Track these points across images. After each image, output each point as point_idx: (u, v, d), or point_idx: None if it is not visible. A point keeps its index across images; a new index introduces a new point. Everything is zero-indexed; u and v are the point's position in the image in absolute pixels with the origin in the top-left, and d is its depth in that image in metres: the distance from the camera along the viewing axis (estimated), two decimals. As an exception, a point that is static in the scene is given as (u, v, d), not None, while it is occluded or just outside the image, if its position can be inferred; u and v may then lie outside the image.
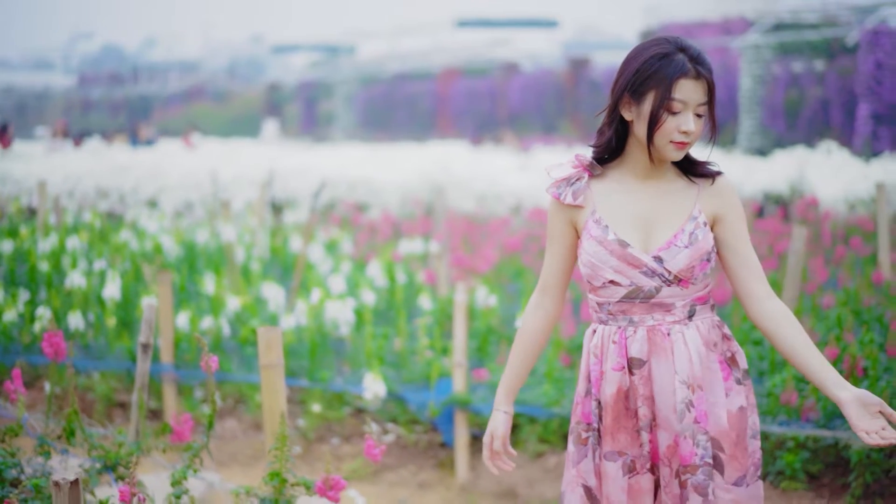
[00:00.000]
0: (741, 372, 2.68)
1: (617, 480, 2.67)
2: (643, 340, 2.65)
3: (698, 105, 2.59)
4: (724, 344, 2.69)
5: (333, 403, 5.71)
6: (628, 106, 2.62)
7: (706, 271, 2.64)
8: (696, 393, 2.61)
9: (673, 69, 2.56)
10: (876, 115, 18.44)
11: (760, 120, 21.83)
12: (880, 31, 18.59)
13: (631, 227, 2.65)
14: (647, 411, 2.66)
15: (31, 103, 49.50)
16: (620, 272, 2.64)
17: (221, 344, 6.07)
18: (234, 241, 7.95)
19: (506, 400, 2.85)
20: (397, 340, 5.92)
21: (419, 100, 34.81)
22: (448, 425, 5.21)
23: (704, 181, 2.68)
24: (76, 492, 2.29)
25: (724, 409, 2.63)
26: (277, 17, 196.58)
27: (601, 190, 2.69)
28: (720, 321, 2.71)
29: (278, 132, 31.15)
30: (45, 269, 6.94)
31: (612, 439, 2.68)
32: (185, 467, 3.42)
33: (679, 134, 2.58)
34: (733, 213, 2.66)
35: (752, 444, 2.67)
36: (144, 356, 3.89)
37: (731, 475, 2.64)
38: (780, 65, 22.18)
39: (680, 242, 2.61)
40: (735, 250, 2.65)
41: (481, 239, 9.57)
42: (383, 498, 4.97)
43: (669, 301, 2.64)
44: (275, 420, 3.36)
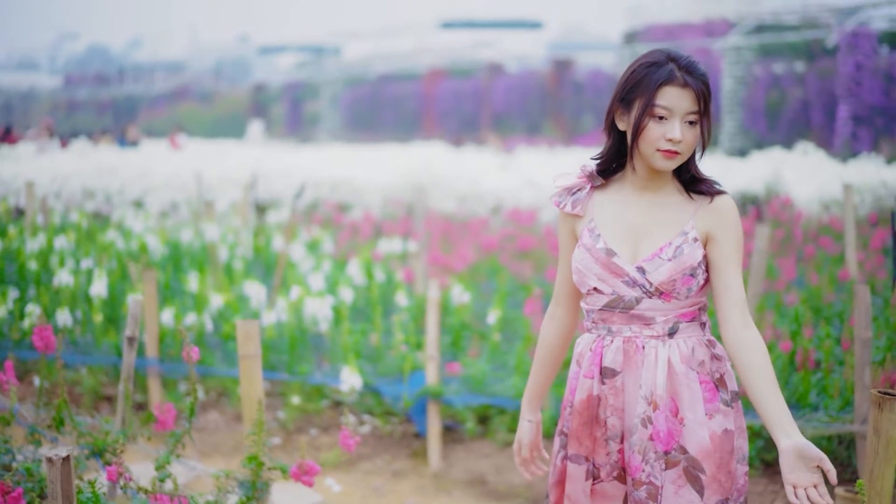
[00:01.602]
0: (730, 394, 2.62)
1: (579, 483, 2.68)
2: (618, 351, 2.63)
3: (687, 113, 2.54)
4: (712, 364, 2.62)
5: (312, 396, 5.94)
6: (620, 116, 2.62)
7: (690, 287, 2.58)
8: (657, 411, 2.57)
9: (658, 76, 2.54)
10: (855, 117, 18.66)
11: (742, 121, 22.05)
12: (860, 34, 18.81)
13: (622, 236, 2.64)
14: (616, 422, 2.64)
15: (16, 104, 49.49)
16: (604, 280, 2.63)
17: (204, 339, 6.30)
18: (218, 240, 8.16)
19: (530, 409, 2.88)
20: (373, 336, 6.15)
21: (404, 100, 35.00)
22: (421, 416, 5.45)
23: (704, 198, 2.61)
24: (68, 467, 2.50)
25: (705, 430, 2.57)
26: (264, 18, 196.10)
27: (601, 200, 2.70)
28: (712, 340, 2.65)
29: (263, 133, 31.28)
30: (33, 268, 7.13)
31: (578, 443, 2.68)
32: (168, 452, 3.62)
33: (665, 142, 2.53)
34: (727, 234, 2.58)
35: (738, 468, 2.62)
36: (130, 349, 4.09)
37: (711, 498, 2.58)
38: (761, 66, 22.40)
39: (665, 255, 2.57)
40: (720, 272, 2.58)
41: (460, 238, 9.79)
42: (359, 485, 5.19)
43: (650, 314, 2.60)
44: (252, 407, 3.58)
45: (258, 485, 3.57)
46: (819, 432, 4.80)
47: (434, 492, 5.10)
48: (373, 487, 5.17)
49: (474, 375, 5.60)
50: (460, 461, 5.32)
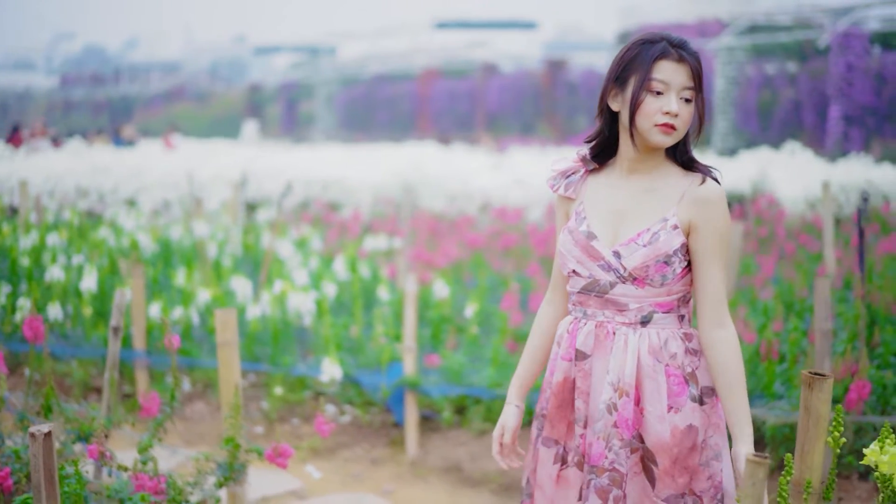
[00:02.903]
0: (700, 390, 2.60)
1: (547, 467, 2.70)
2: (589, 334, 2.63)
3: (683, 88, 2.54)
4: (685, 358, 2.60)
5: (295, 387, 6.11)
6: (614, 96, 2.61)
7: (665, 274, 2.56)
8: (623, 398, 2.57)
9: (654, 51, 2.54)
10: (847, 117, 18.83)
11: (734, 121, 22.20)
12: (851, 34, 18.97)
13: (604, 220, 2.63)
14: (582, 406, 2.65)
15: (12, 104, 49.59)
16: (582, 263, 2.63)
17: (191, 332, 6.48)
18: (207, 238, 8.34)
19: (517, 394, 2.82)
20: (354, 328, 6.32)
21: (399, 101, 35.15)
22: (399, 406, 5.62)
23: (692, 188, 2.57)
24: (49, 442, 2.66)
25: (666, 423, 2.56)
26: (260, 19, 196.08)
27: (592, 184, 2.70)
28: (690, 334, 2.62)
29: (258, 133, 31.41)
30: (25, 265, 7.31)
31: (552, 426, 2.70)
32: (151, 436, 3.79)
33: (662, 115, 2.52)
34: (709, 227, 2.55)
35: (713, 465, 2.61)
36: (115, 339, 4.25)
37: (662, 491, 2.59)
38: (753, 66, 22.56)
39: (641, 241, 2.56)
40: (699, 265, 2.57)
41: (446, 236, 9.97)
42: (338, 473, 5.37)
43: (623, 300, 2.59)
44: (230, 391, 3.75)
45: (235, 466, 3.73)
46: (782, 420, 4.98)
47: (411, 478, 5.28)
48: (352, 474, 5.34)
49: (452, 367, 5.77)
50: (437, 449, 5.49)
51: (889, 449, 2.64)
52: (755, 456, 2.06)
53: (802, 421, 2.78)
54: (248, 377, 6.44)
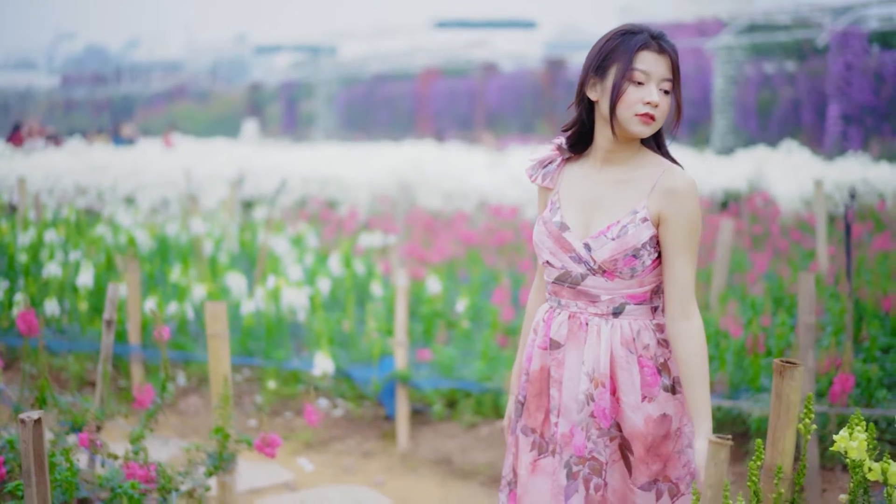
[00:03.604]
0: (672, 380, 2.64)
1: (525, 454, 2.73)
2: (563, 324, 2.66)
3: (662, 80, 2.57)
4: (657, 349, 2.64)
5: (289, 381, 6.19)
6: (593, 85, 2.62)
7: (634, 267, 2.59)
8: (599, 388, 2.60)
9: (635, 42, 2.56)
10: (845, 116, 18.87)
11: (733, 120, 22.24)
12: (850, 33, 19.01)
13: (577, 211, 2.66)
14: (555, 394, 2.68)
15: (13, 104, 49.67)
16: (554, 254, 2.66)
17: (186, 328, 6.55)
18: (203, 234, 8.41)
19: (518, 384, 2.86)
20: (346, 323, 6.39)
21: (399, 100, 35.21)
22: (390, 399, 5.69)
23: (662, 179, 2.59)
24: (39, 429, 2.73)
25: (639, 413, 2.60)
26: (261, 18, 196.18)
27: (568, 174, 2.73)
28: (662, 326, 2.66)
29: (258, 132, 31.48)
30: (23, 261, 7.38)
31: (529, 415, 2.74)
32: (142, 426, 3.86)
33: (643, 105, 2.54)
34: (676, 219, 2.57)
35: (687, 453, 2.66)
36: (108, 331, 4.32)
37: (638, 478, 2.64)
38: (752, 66, 22.59)
39: (610, 234, 2.58)
40: (667, 256, 2.60)
41: (442, 233, 10.04)
42: (331, 465, 5.44)
43: (595, 291, 2.62)
44: (219, 382, 3.82)
45: (225, 456, 3.81)
46: (766, 412, 5.04)
47: (402, 471, 5.35)
48: (343, 467, 5.41)
49: (443, 361, 5.84)
50: (427, 442, 5.56)
51: (857, 435, 2.71)
52: (717, 438, 2.12)
53: (774, 408, 2.84)
54: (242, 372, 6.51)
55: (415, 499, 5.01)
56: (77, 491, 3.48)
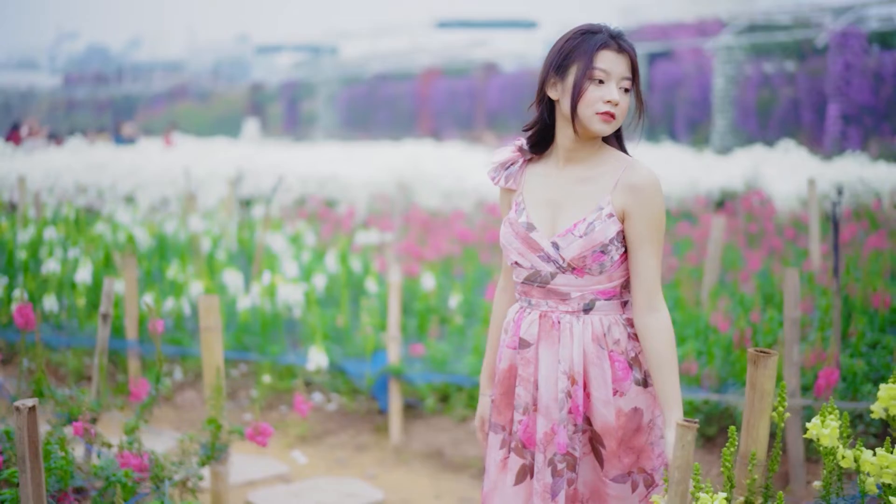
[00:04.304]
0: (644, 373, 2.67)
1: (494, 451, 2.77)
2: (533, 323, 2.68)
3: (622, 78, 2.59)
4: (628, 343, 2.66)
5: (284, 376, 6.27)
6: (554, 85, 2.64)
7: (603, 262, 2.61)
8: (574, 386, 2.64)
9: (595, 41, 2.58)
10: (845, 116, 18.91)
11: (733, 120, 22.28)
12: (849, 33, 19.05)
13: (542, 211, 2.68)
14: (523, 392, 2.70)
15: (15, 103, 49.77)
16: (522, 254, 2.68)
17: (183, 323, 6.64)
18: (201, 232, 8.49)
19: (489, 384, 2.91)
20: (340, 318, 6.48)
21: (400, 100, 35.27)
22: (383, 393, 5.78)
23: (625, 175, 2.62)
24: (34, 416, 2.80)
25: (611, 407, 2.63)
26: (263, 18, 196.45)
27: (530, 174, 2.74)
28: (633, 320, 2.68)
29: (259, 132, 31.55)
30: (22, 258, 7.46)
31: (498, 412, 2.78)
32: (137, 417, 3.94)
33: (604, 104, 2.57)
34: (640, 213, 2.60)
35: (660, 444, 2.69)
36: (104, 325, 4.40)
37: (610, 471, 2.68)
38: (752, 65, 22.64)
39: (577, 231, 2.60)
40: (633, 251, 2.62)
41: (438, 231, 10.12)
42: (324, 458, 5.53)
43: (565, 289, 2.64)
44: (212, 374, 3.90)
45: (217, 445, 3.88)
46: (753, 406, 5.11)
47: (394, 463, 5.44)
48: (337, 459, 5.50)
49: (435, 356, 5.92)
50: (420, 435, 5.64)
51: (829, 423, 2.79)
52: (684, 421, 2.19)
53: (748, 396, 2.92)
54: (238, 367, 6.60)
55: (407, 491, 5.09)
56: (72, 479, 3.54)
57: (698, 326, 6.08)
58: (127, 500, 3.51)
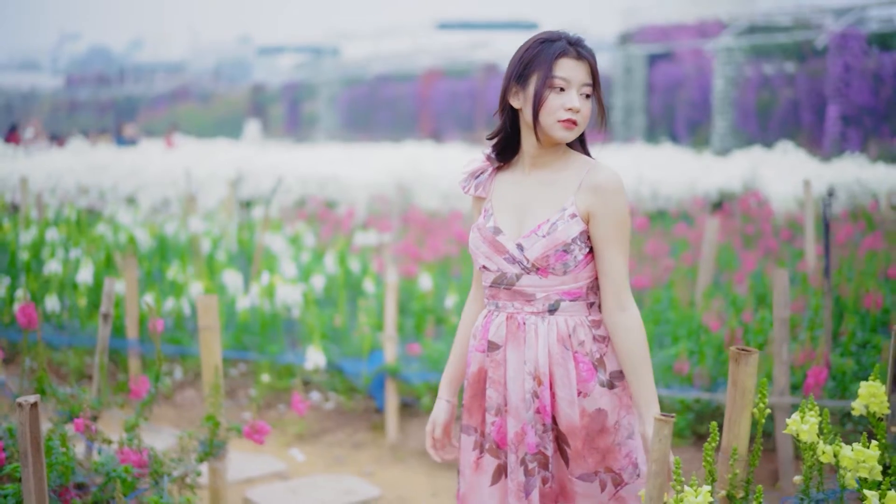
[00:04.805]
0: (609, 374, 2.70)
1: (468, 453, 2.81)
2: (501, 326, 2.71)
3: (582, 85, 2.63)
4: (593, 345, 2.69)
5: (282, 375, 6.35)
6: (516, 94, 2.68)
7: (566, 262, 2.64)
8: (541, 386, 2.67)
9: (554, 49, 2.62)
10: (844, 117, 18.96)
11: (733, 121, 22.33)
12: (849, 35, 19.10)
13: (509, 215, 2.72)
14: (493, 394, 2.73)
15: (17, 104, 49.86)
16: (489, 258, 2.72)
17: (183, 323, 6.73)
18: (201, 233, 8.58)
19: (448, 389, 2.93)
20: (338, 318, 6.56)
21: (401, 101, 35.35)
22: (380, 392, 5.86)
23: (589, 177, 2.66)
24: (36, 412, 2.89)
25: (575, 408, 2.66)
26: (264, 20, 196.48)
27: (499, 182, 2.78)
28: (598, 321, 2.71)
29: (260, 133, 31.63)
30: (24, 258, 7.55)
31: (469, 415, 2.80)
32: (137, 415, 4.02)
33: (565, 112, 2.61)
34: (604, 213, 2.64)
35: (627, 444, 2.72)
36: (105, 324, 4.48)
37: (576, 469, 2.71)
38: (752, 67, 22.69)
39: (541, 232, 2.64)
40: (599, 251, 2.66)
41: (436, 232, 10.20)
42: (322, 456, 5.61)
43: (530, 290, 2.68)
44: (210, 372, 3.98)
45: (215, 442, 3.96)
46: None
47: (390, 461, 5.52)
48: (334, 457, 5.58)
49: (431, 355, 6.00)
50: (416, 433, 5.72)
51: (808, 420, 2.87)
52: (661, 416, 2.27)
53: (730, 393, 3.00)
54: (238, 366, 6.68)
55: (403, 488, 5.17)
56: (73, 475, 3.62)
57: (691, 326, 6.16)
58: (126, 495, 3.59)
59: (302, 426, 5.88)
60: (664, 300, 7.05)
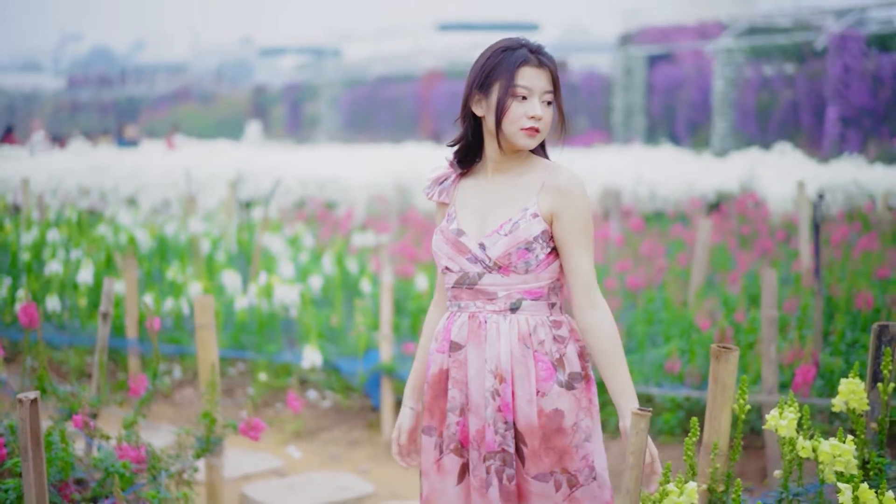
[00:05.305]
0: (568, 375, 2.71)
1: (430, 454, 2.80)
2: (463, 325, 2.74)
3: (544, 93, 2.68)
4: (553, 345, 2.71)
5: (280, 374, 6.44)
6: (478, 102, 2.72)
7: (528, 260, 2.68)
8: (503, 384, 2.68)
9: (515, 58, 2.66)
10: (843, 118, 19.00)
11: (732, 122, 22.38)
12: (848, 36, 19.14)
13: (472, 218, 2.76)
14: (457, 394, 2.74)
15: (19, 105, 49.94)
16: (452, 259, 2.75)
17: (182, 323, 6.81)
18: (201, 234, 8.67)
19: (412, 396, 2.94)
20: (334, 318, 6.65)
21: (402, 102, 35.40)
22: (376, 391, 5.94)
23: (550, 179, 2.71)
24: (36, 408, 2.96)
25: (533, 406, 2.68)
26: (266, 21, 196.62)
27: (462, 187, 2.83)
28: (558, 322, 2.74)
29: (261, 134, 31.70)
30: (26, 259, 7.64)
31: (430, 415, 2.80)
32: (136, 412, 4.10)
33: (528, 120, 2.65)
34: (569, 213, 2.68)
35: (584, 447, 2.72)
36: (104, 324, 4.56)
37: (532, 469, 2.71)
38: (751, 68, 22.74)
39: (503, 231, 2.68)
40: (565, 252, 2.70)
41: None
42: (318, 453, 5.70)
43: (492, 289, 2.71)
44: (207, 370, 4.06)
45: (212, 439, 4.05)
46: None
47: (386, 459, 5.60)
48: (330, 455, 5.67)
49: (427, 354, 6.08)
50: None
51: (787, 415, 2.95)
52: (638, 410, 2.35)
53: (711, 390, 3.08)
54: (236, 365, 6.77)
55: (397, 485, 5.25)
56: (72, 470, 3.70)
57: (683, 326, 6.24)
58: (125, 490, 3.67)
59: (299, 424, 5.97)
60: (658, 300, 7.13)
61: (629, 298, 7.32)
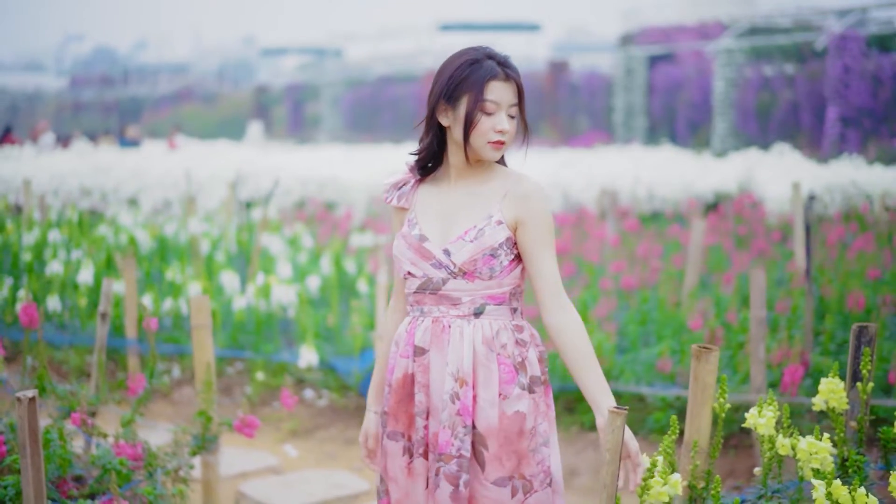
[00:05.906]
0: (529, 379, 2.74)
1: (397, 459, 2.80)
2: (426, 330, 2.75)
3: (510, 106, 2.71)
4: (514, 349, 2.74)
5: (277, 373, 6.52)
6: (445, 112, 2.74)
7: (493, 267, 2.71)
8: (464, 387, 2.70)
9: (484, 72, 2.68)
10: (843, 119, 19.04)
11: (733, 122, 22.43)
12: (848, 37, 19.17)
13: (435, 223, 2.77)
14: (423, 398, 2.76)
15: (22, 105, 50.02)
16: (415, 264, 2.76)
17: (181, 323, 6.89)
18: (200, 234, 8.75)
19: (376, 401, 2.95)
20: (330, 318, 6.73)
21: (403, 102, 35.44)
22: (371, 390, 6.02)
23: (514, 187, 2.74)
24: (34, 406, 3.04)
25: (495, 409, 2.69)
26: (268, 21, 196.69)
27: (423, 193, 2.84)
28: (520, 326, 2.78)
29: (262, 134, 31.76)
30: (27, 259, 7.72)
31: (395, 420, 2.81)
32: (133, 410, 4.18)
33: (495, 133, 2.69)
34: (533, 220, 2.71)
35: (541, 451, 2.75)
36: (103, 323, 4.64)
37: (492, 474, 2.72)
38: (752, 68, 22.78)
39: (468, 237, 2.70)
40: (530, 257, 2.73)
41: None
42: (314, 452, 5.78)
43: (456, 294, 2.73)
44: (203, 369, 4.14)
45: (208, 437, 4.13)
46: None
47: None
48: (326, 453, 5.75)
49: (422, 354, 6.16)
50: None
51: (766, 413, 3.02)
52: (614, 408, 2.42)
53: (692, 389, 3.16)
54: (234, 364, 6.85)
55: (392, 483, 5.32)
56: (70, 468, 3.78)
57: (675, 326, 6.32)
58: (122, 487, 3.74)
59: (295, 423, 6.05)
60: (651, 301, 7.21)
61: (623, 299, 7.40)
